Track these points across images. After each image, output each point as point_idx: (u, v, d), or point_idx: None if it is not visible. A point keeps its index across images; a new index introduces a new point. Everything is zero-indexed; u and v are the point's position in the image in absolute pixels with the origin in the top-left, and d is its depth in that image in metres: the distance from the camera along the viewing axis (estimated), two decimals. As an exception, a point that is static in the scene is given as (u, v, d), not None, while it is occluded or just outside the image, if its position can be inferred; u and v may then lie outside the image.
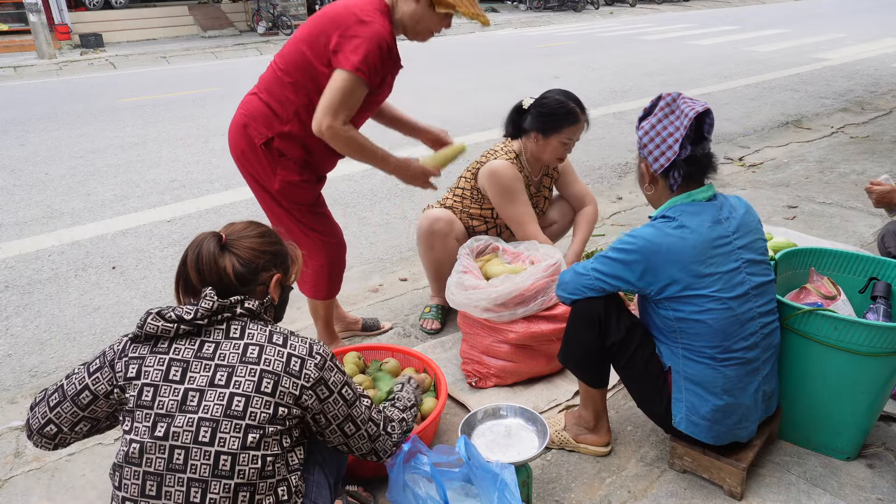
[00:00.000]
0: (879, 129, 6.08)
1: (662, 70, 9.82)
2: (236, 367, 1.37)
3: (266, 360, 1.39)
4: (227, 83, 9.83)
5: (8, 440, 2.36)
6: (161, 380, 1.36)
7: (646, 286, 1.79)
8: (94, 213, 4.68)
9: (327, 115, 2.09)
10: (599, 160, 5.62)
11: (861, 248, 3.48)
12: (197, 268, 1.46)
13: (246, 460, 1.33)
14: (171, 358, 1.38)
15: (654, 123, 1.79)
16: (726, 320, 1.74)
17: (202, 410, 1.33)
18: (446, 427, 2.29)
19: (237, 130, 2.30)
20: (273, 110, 2.22)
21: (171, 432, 1.32)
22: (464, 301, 2.40)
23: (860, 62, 9.95)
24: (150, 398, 1.35)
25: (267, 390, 1.37)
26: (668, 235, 1.74)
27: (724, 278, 1.74)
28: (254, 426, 1.34)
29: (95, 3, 16.36)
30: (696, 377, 1.81)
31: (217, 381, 1.36)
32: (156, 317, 1.39)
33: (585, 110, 2.62)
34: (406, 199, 4.77)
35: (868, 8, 18.74)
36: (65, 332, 3.20)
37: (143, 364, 1.38)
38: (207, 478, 1.31)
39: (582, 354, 1.97)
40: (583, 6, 21.09)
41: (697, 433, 1.85)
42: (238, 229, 1.54)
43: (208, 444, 1.32)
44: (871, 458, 2.05)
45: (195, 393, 1.35)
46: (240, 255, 1.48)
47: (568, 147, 2.64)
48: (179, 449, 1.32)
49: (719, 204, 1.82)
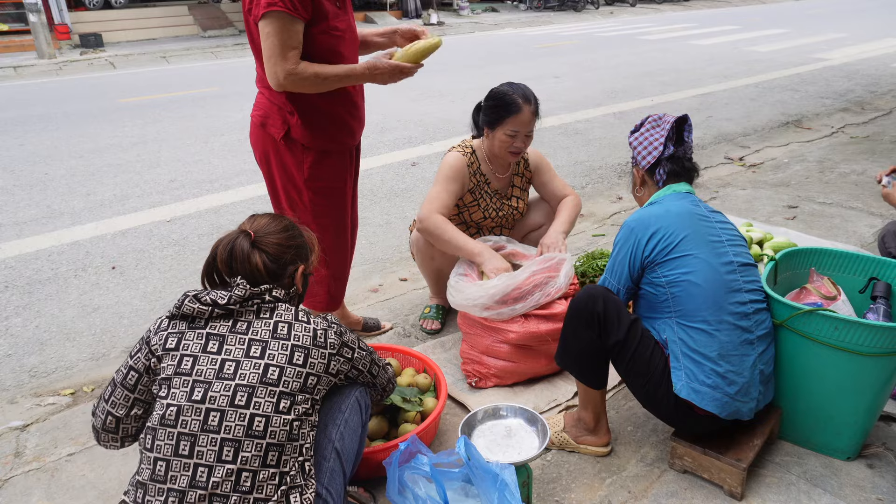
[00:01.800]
0: (879, 129, 6.08)
1: (663, 70, 9.82)
2: (269, 341, 1.51)
3: (295, 336, 1.53)
4: (227, 83, 9.83)
5: (8, 440, 2.36)
6: (200, 351, 1.49)
7: (650, 252, 1.91)
8: (94, 213, 4.68)
9: (277, 63, 2.03)
10: (599, 160, 5.62)
11: (861, 248, 3.48)
12: (230, 264, 1.58)
13: (278, 423, 1.45)
14: (208, 332, 1.51)
15: (642, 132, 2.11)
16: (715, 283, 1.84)
17: (238, 378, 1.46)
18: (446, 427, 2.29)
19: (256, 131, 2.31)
20: (277, 103, 2.22)
21: (208, 396, 1.44)
22: (463, 301, 2.40)
23: (860, 62, 9.95)
24: (189, 366, 1.47)
25: (298, 362, 1.51)
26: (650, 214, 1.95)
27: (706, 245, 1.89)
28: (286, 393, 1.47)
29: (95, 3, 16.36)
30: (693, 343, 1.84)
31: (252, 353, 1.49)
32: (192, 299, 1.52)
33: (532, 101, 2.57)
34: (406, 200, 4.78)
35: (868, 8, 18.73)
36: (65, 332, 3.20)
37: (183, 337, 1.51)
38: (241, 437, 1.42)
39: (581, 356, 1.97)
40: (583, 6, 21.09)
41: (699, 401, 1.83)
42: (263, 224, 1.65)
43: (244, 406, 1.43)
44: (871, 458, 2.05)
45: (231, 363, 1.47)
46: (268, 252, 1.60)
47: (516, 139, 2.58)
48: (215, 412, 1.42)
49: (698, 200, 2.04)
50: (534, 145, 2.78)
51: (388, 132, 6.66)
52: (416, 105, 7.86)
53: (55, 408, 2.55)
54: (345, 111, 2.33)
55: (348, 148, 2.42)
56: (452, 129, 6.62)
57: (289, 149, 2.27)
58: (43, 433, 2.39)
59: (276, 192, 2.40)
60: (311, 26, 2.10)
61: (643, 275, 1.96)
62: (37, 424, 2.44)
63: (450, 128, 6.68)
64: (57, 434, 2.37)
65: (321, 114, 2.25)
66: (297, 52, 2.07)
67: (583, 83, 9.01)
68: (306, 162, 2.28)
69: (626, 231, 1.97)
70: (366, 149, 5.53)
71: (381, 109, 7.41)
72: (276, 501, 1.42)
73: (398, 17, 19.64)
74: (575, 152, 5.87)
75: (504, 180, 2.81)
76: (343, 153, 2.40)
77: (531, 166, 2.85)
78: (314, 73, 2.10)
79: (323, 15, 2.12)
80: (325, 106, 2.25)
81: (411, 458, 1.66)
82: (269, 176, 2.38)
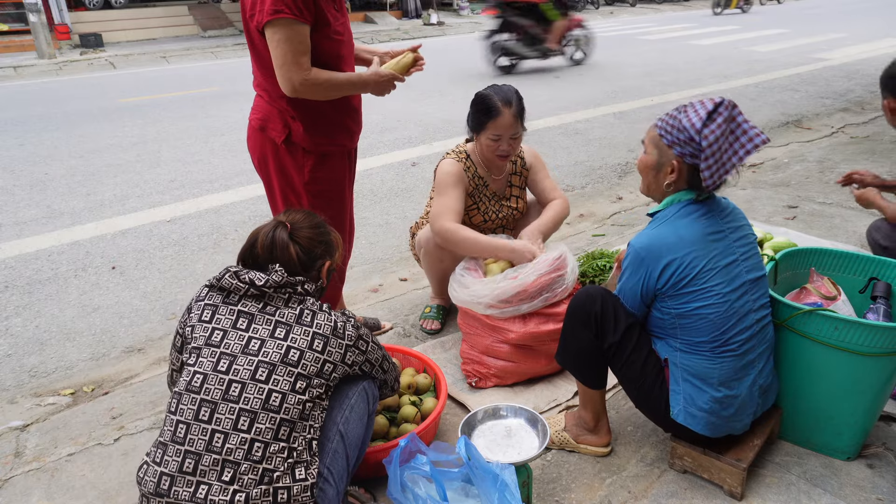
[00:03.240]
0: (879, 129, 6.08)
1: (662, 70, 9.82)
2: (293, 326, 1.61)
3: (317, 325, 1.63)
4: (227, 83, 9.83)
5: (8, 440, 2.36)
6: (230, 326, 1.60)
7: (662, 284, 1.80)
8: (94, 213, 4.68)
9: (292, 70, 2.04)
10: (599, 160, 5.62)
11: (861, 248, 3.48)
12: (271, 251, 1.69)
13: (293, 401, 1.54)
14: (239, 310, 1.62)
15: (717, 136, 1.71)
16: (725, 314, 1.76)
17: (262, 355, 1.56)
18: (446, 427, 2.29)
19: (255, 134, 2.30)
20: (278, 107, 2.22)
21: (232, 368, 1.54)
22: (466, 298, 2.40)
23: (860, 62, 9.95)
24: (218, 339, 1.58)
25: (318, 349, 1.61)
26: (663, 239, 1.79)
27: (723, 272, 1.77)
28: (303, 375, 1.57)
29: (95, 3, 16.36)
30: (694, 369, 1.82)
31: (277, 334, 1.59)
32: (233, 275, 1.63)
33: (514, 103, 2.54)
34: (406, 200, 4.78)
35: (868, 8, 18.73)
36: (65, 332, 3.20)
37: (217, 311, 1.62)
38: (258, 410, 1.51)
39: (579, 355, 1.97)
40: (583, 6, 21.07)
41: (694, 425, 1.85)
42: (298, 219, 1.77)
43: (264, 381, 1.53)
44: (871, 458, 2.05)
45: (257, 341, 1.58)
46: (301, 244, 1.72)
47: (501, 143, 2.57)
48: (237, 383, 1.52)
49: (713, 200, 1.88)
50: (534, 145, 2.79)
51: (388, 132, 6.66)
52: (416, 105, 7.86)
53: (55, 408, 2.56)
54: (346, 115, 2.34)
55: (347, 150, 2.43)
56: (452, 129, 6.62)
57: (289, 152, 2.27)
58: (43, 433, 2.39)
59: (274, 196, 2.39)
60: (314, 31, 2.10)
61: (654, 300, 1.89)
62: (37, 424, 2.44)
63: (450, 128, 6.68)
64: (57, 434, 2.37)
65: (323, 118, 2.26)
66: (308, 58, 2.08)
67: (583, 83, 9.01)
68: (307, 165, 2.28)
69: (636, 258, 1.82)
70: (365, 149, 5.54)
71: (380, 109, 7.40)
72: (282, 472, 1.50)
73: (398, 17, 19.64)
74: (575, 152, 5.87)
75: (501, 181, 2.81)
76: (342, 156, 2.40)
77: (527, 164, 2.85)
78: (327, 80, 2.13)
79: (325, 20, 2.12)
80: (327, 110, 2.26)
81: (411, 457, 1.66)
82: (268, 179, 2.37)
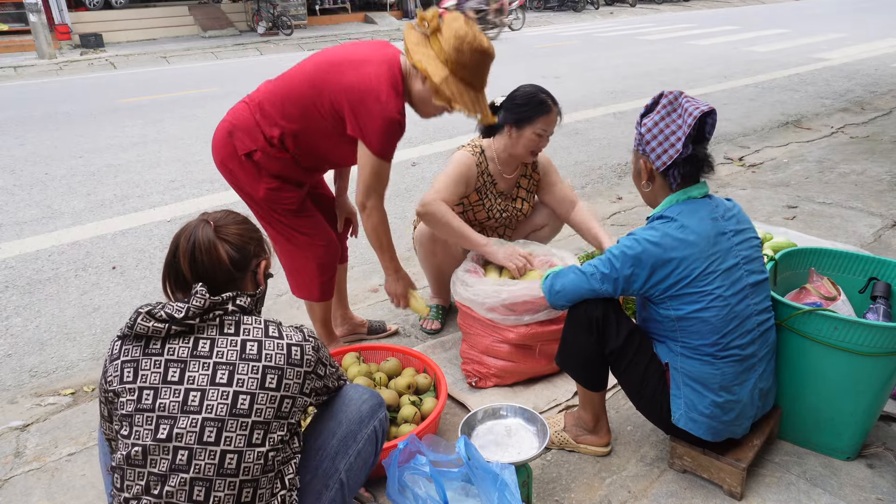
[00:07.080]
0: (879, 129, 6.08)
1: (662, 70, 9.82)
2: (237, 364, 1.35)
3: (267, 356, 1.38)
4: (227, 83, 9.82)
5: (8, 440, 2.36)
6: (160, 382, 1.34)
7: (651, 287, 1.79)
8: (94, 213, 4.68)
9: (370, 195, 2.21)
10: (599, 160, 5.62)
11: (861, 248, 3.48)
12: (192, 256, 1.43)
13: (251, 457, 1.34)
14: (166, 359, 1.35)
15: (656, 121, 1.77)
16: (726, 317, 1.75)
17: (205, 410, 1.32)
18: (446, 427, 2.29)
19: (222, 136, 2.30)
20: (261, 128, 2.22)
21: (174, 434, 1.31)
22: (470, 297, 2.39)
23: (860, 62, 9.95)
24: (150, 401, 1.33)
25: (272, 385, 1.37)
26: (668, 236, 1.75)
27: (724, 275, 1.75)
28: (260, 422, 1.35)
29: (95, 3, 16.35)
30: (695, 374, 1.81)
31: (218, 379, 1.34)
32: (146, 317, 1.36)
33: (557, 104, 2.61)
34: (406, 200, 4.77)
35: (868, 8, 18.74)
36: (65, 332, 3.20)
37: (139, 367, 1.35)
38: (212, 476, 1.31)
39: (580, 359, 1.96)
40: (583, 6, 21.08)
41: (695, 430, 1.85)
42: (220, 216, 1.51)
43: (213, 443, 1.31)
44: (871, 458, 2.05)
45: (196, 392, 1.33)
46: (231, 242, 1.46)
47: (542, 139, 2.60)
48: (183, 450, 1.31)
49: (714, 202, 1.84)
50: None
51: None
52: (416, 105, 7.85)
53: (55, 408, 2.56)
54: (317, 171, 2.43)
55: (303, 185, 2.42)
56: (452, 128, 6.62)
57: (245, 167, 2.26)
58: (43, 433, 2.39)
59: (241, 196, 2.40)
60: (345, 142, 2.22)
61: (647, 301, 1.88)
62: (37, 424, 2.44)
63: (450, 128, 6.67)
64: (57, 434, 2.37)
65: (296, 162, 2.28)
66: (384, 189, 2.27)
67: (583, 83, 9.01)
68: (262, 182, 2.27)
69: (637, 248, 1.77)
70: (366, 149, 5.52)
71: (381, 109, 7.39)
72: None
73: (398, 17, 19.62)
74: (575, 152, 5.87)
75: (510, 181, 2.81)
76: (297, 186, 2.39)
77: (539, 168, 2.85)
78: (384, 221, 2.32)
79: None
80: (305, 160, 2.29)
81: (411, 458, 1.66)
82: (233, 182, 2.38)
